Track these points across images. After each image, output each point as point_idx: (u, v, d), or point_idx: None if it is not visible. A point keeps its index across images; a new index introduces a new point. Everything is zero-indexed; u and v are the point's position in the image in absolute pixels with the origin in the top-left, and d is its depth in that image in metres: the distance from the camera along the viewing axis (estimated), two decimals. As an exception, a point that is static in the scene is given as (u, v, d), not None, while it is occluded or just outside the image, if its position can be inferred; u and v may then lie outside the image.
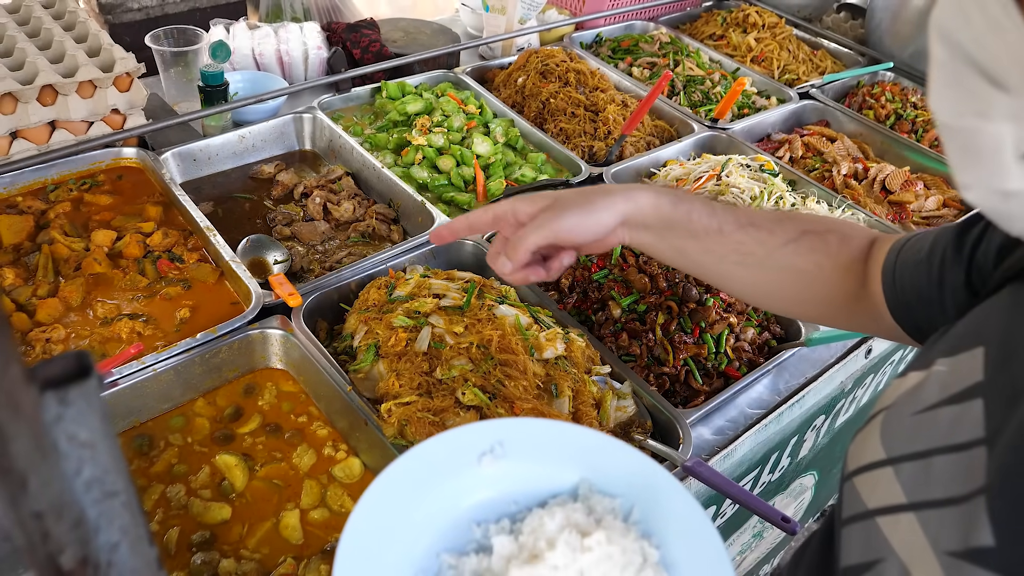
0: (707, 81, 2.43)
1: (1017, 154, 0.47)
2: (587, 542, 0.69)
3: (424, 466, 0.75)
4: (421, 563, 0.71)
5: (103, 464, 0.43)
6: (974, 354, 0.66)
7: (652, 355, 1.46)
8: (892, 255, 0.92)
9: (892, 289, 0.90)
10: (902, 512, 0.64)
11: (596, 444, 0.80)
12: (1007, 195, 0.49)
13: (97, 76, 1.65)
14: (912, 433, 0.66)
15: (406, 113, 2.03)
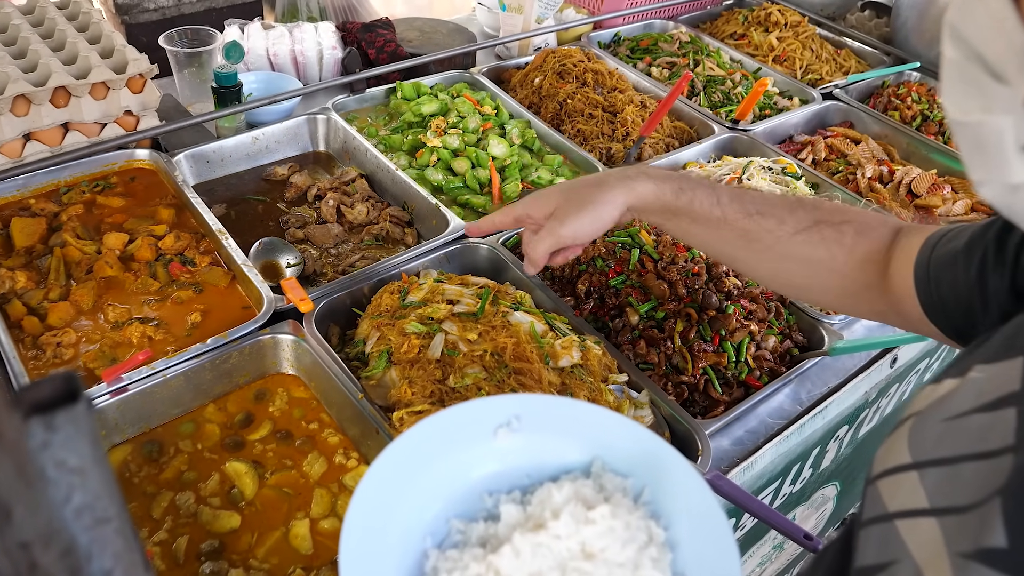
0: (728, 81, 2.39)
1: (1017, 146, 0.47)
2: (591, 515, 0.70)
3: (440, 435, 0.77)
4: (431, 526, 0.73)
5: (94, 490, 0.41)
6: (1014, 364, 0.64)
7: (670, 363, 1.43)
8: (926, 251, 0.88)
9: (926, 288, 0.87)
10: (923, 517, 0.63)
11: (612, 424, 0.81)
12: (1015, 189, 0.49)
13: (110, 77, 1.63)
14: (940, 439, 0.66)
15: (421, 114, 2.01)
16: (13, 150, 1.62)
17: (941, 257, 0.86)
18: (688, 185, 1.01)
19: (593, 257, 1.56)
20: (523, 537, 0.69)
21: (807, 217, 0.98)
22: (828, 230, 0.97)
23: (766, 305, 1.54)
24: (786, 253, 0.98)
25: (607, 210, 1.00)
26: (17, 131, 1.60)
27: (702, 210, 1.00)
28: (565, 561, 0.68)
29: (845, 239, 0.96)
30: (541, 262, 1.09)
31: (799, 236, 0.97)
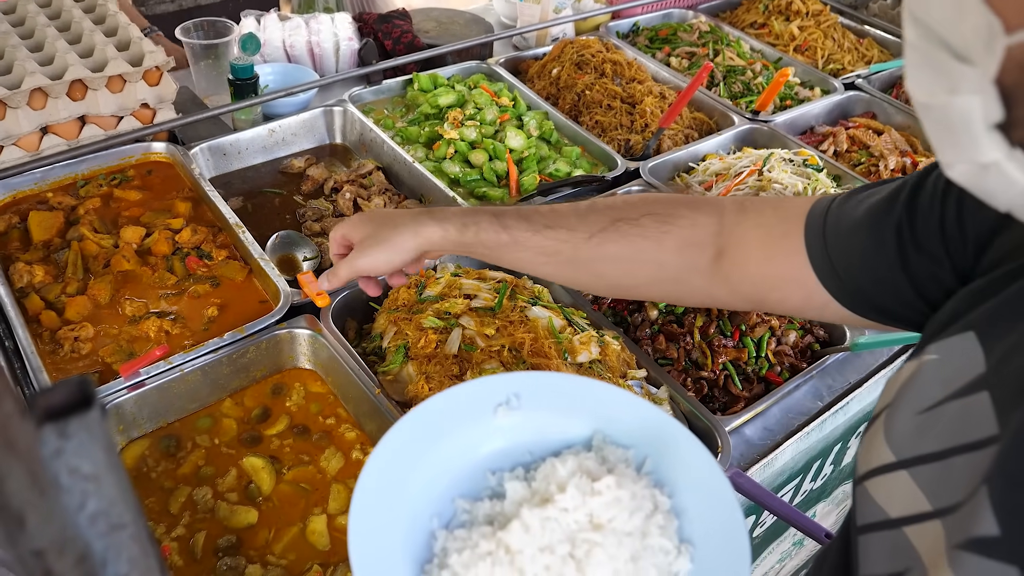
0: (748, 71, 2.36)
1: (986, 125, 0.48)
2: (597, 486, 0.71)
3: (441, 416, 0.78)
4: (436, 507, 0.73)
5: (109, 496, 0.41)
6: (966, 339, 0.64)
7: (690, 359, 1.41)
8: (815, 235, 0.85)
9: (833, 277, 0.84)
10: (929, 520, 0.62)
11: (611, 397, 0.82)
12: (985, 168, 0.50)
13: (127, 70, 1.63)
14: (919, 433, 0.65)
15: (438, 106, 2.00)
16: (30, 143, 1.62)
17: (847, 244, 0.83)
18: (472, 219, 1.01)
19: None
20: (531, 512, 0.69)
21: (601, 219, 0.98)
22: (626, 226, 0.96)
23: (787, 299, 1.52)
24: (591, 257, 0.98)
25: (398, 253, 1.03)
26: (34, 124, 1.60)
27: (490, 238, 1.00)
28: (574, 533, 0.68)
29: (648, 231, 0.96)
30: (338, 283, 1.13)
31: (595, 239, 0.97)
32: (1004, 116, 0.48)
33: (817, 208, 0.87)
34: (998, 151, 0.48)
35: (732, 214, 0.95)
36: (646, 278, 0.99)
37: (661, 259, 0.96)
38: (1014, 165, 0.48)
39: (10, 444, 0.35)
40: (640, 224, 0.96)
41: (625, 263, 0.98)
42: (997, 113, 0.48)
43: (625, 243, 0.96)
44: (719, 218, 0.95)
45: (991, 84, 0.47)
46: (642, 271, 0.98)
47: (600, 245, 0.97)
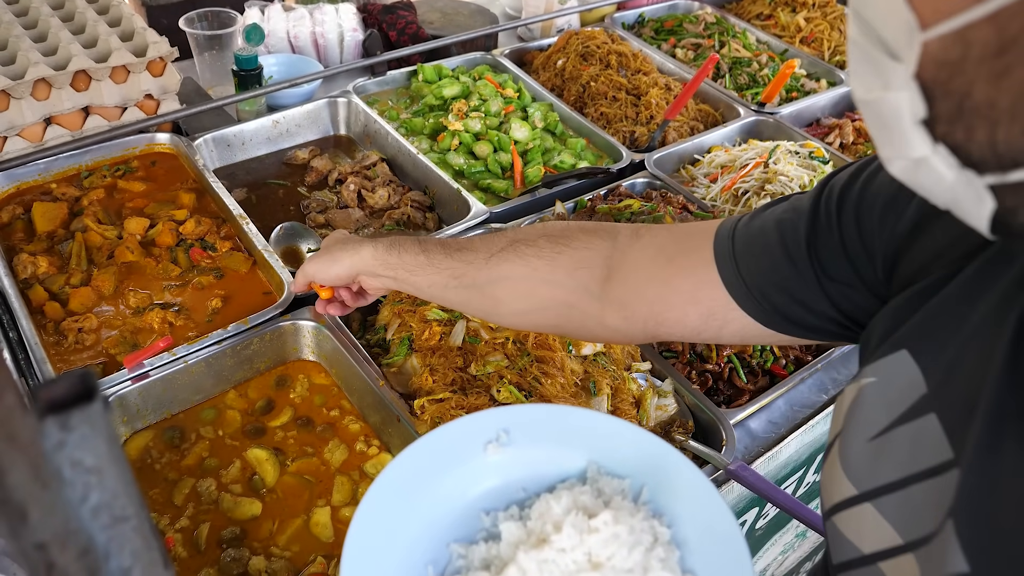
0: (754, 63, 2.35)
1: (913, 120, 0.48)
2: (593, 523, 0.69)
3: (429, 458, 0.76)
4: (431, 555, 0.71)
5: (112, 489, 0.41)
6: (899, 358, 0.64)
7: (695, 352, 1.41)
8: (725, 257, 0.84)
9: (749, 298, 0.83)
10: (901, 555, 0.61)
11: (603, 426, 0.80)
12: (917, 164, 0.50)
13: (130, 61, 1.63)
14: (875, 462, 0.64)
15: (442, 97, 1.99)
16: (34, 134, 1.62)
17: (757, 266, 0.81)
18: (398, 242, 1.07)
19: (616, 243, 1.54)
20: (527, 555, 0.67)
21: (502, 240, 1.00)
22: (523, 247, 0.98)
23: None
24: (490, 277, 0.99)
25: (336, 267, 1.10)
26: (38, 115, 1.60)
27: (411, 259, 1.04)
28: (572, 574, 0.66)
29: (543, 251, 0.96)
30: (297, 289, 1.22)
31: (494, 258, 0.99)
32: (927, 112, 0.48)
33: (723, 230, 0.86)
34: (925, 147, 0.49)
35: (626, 238, 0.94)
36: (540, 301, 0.98)
37: (554, 279, 0.96)
38: (939, 160, 0.48)
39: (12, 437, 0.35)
40: (536, 244, 0.97)
41: (520, 283, 0.98)
42: (921, 109, 0.48)
43: (521, 262, 0.97)
44: (612, 241, 0.95)
45: (912, 80, 0.47)
46: (536, 292, 0.98)
47: (497, 265, 0.99)
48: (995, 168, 0.46)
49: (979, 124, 0.46)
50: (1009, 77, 0.43)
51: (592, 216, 1.63)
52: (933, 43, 0.46)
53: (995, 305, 0.59)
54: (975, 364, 0.58)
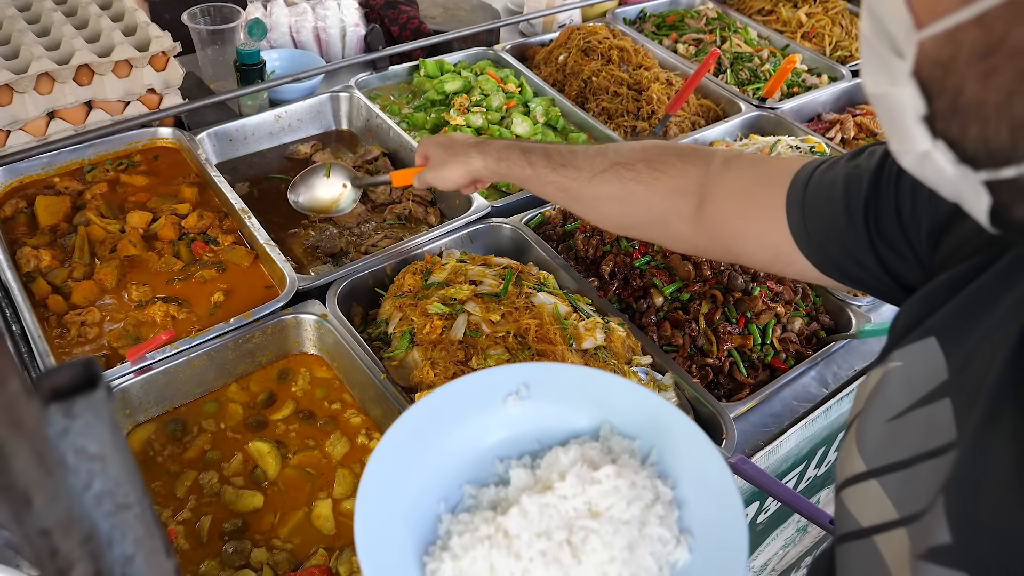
0: (755, 58, 2.35)
1: (916, 116, 0.50)
2: (596, 475, 0.72)
3: (452, 404, 0.80)
4: (444, 491, 0.75)
5: (114, 476, 0.41)
6: (927, 345, 0.66)
7: (695, 346, 1.41)
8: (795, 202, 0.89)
9: (808, 242, 0.89)
10: (895, 528, 0.63)
11: (620, 389, 0.83)
12: (923, 158, 0.52)
13: (133, 55, 1.63)
14: (889, 442, 0.66)
15: (444, 92, 1.99)
16: (37, 128, 1.62)
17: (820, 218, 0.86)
18: (506, 154, 1.19)
19: (618, 238, 1.54)
20: (531, 499, 0.70)
21: (603, 162, 1.09)
22: (622, 170, 1.07)
23: (793, 287, 1.52)
24: (592, 195, 1.11)
25: (452, 177, 1.25)
26: (41, 109, 1.60)
27: (518, 172, 1.17)
28: (571, 520, 0.69)
29: (641, 175, 1.05)
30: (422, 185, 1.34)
31: (596, 179, 1.09)
32: (927, 109, 0.49)
33: (801, 174, 0.90)
34: (927, 142, 0.50)
35: (717, 167, 1.01)
36: (639, 219, 1.09)
37: (650, 202, 1.05)
38: (939, 155, 0.50)
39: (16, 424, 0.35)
40: (635, 169, 1.06)
41: (620, 203, 1.08)
42: (921, 106, 0.50)
43: (620, 185, 1.07)
44: (705, 169, 1.02)
45: (911, 77, 0.49)
46: (635, 212, 1.08)
47: (599, 186, 1.09)
48: (988, 164, 0.48)
49: (971, 122, 0.47)
50: (996, 77, 0.45)
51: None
52: (928, 42, 0.48)
53: (1019, 296, 0.60)
54: (990, 352, 0.60)
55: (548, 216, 1.65)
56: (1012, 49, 0.44)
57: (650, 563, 0.69)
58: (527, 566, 0.67)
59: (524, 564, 0.67)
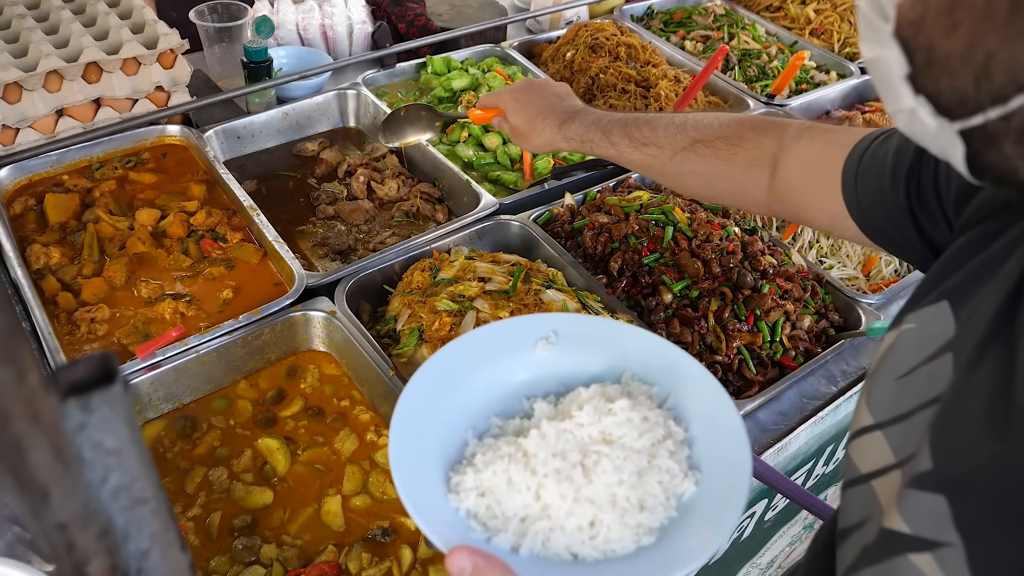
0: (763, 55, 2.34)
1: (901, 75, 0.54)
2: (612, 407, 0.78)
3: (487, 343, 0.87)
4: (473, 420, 0.82)
5: (131, 471, 0.41)
6: (940, 308, 0.70)
7: (704, 343, 1.41)
8: (850, 172, 0.95)
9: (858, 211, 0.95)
10: (891, 471, 0.68)
11: (641, 339, 0.89)
12: (911, 115, 0.56)
13: (141, 53, 1.63)
14: (896, 398, 0.70)
15: (451, 89, 1.99)
16: (46, 126, 1.62)
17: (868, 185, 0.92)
18: (588, 136, 1.24)
19: (626, 235, 1.54)
20: (549, 424, 0.77)
21: (684, 138, 1.15)
22: (702, 147, 1.13)
23: (802, 284, 1.51)
24: (675, 171, 1.18)
25: (538, 141, 1.32)
26: (50, 107, 1.60)
27: (601, 151, 1.24)
28: (586, 445, 0.75)
29: (720, 152, 1.12)
30: None
31: (678, 156, 1.15)
32: (909, 67, 0.54)
33: (860, 145, 0.95)
34: (910, 99, 0.55)
35: (791, 138, 1.07)
36: (719, 190, 1.18)
37: (730, 175, 1.12)
38: (922, 111, 0.54)
39: (34, 418, 0.35)
40: (714, 146, 1.13)
41: (702, 177, 1.16)
42: (904, 64, 0.54)
43: (701, 162, 1.14)
44: (779, 140, 1.08)
45: (893, 39, 0.54)
46: (716, 184, 1.16)
47: (681, 163, 1.16)
48: (961, 114, 0.52)
49: (943, 74, 0.52)
50: (958, 31, 0.50)
51: (600, 209, 1.63)
52: (904, 4, 0.53)
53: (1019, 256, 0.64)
54: (989, 306, 0.64)
55: (556, 213, 1.65)
56: (970, 4, 0.49)
57: (658, 491, 0.74)
58: (542, 480, 0.72)
59: (539, 479, 0.73)
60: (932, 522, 0.59)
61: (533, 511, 0.72)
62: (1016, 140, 0.50)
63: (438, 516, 0.72)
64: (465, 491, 0.74)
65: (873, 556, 0.66)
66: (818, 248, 1.73)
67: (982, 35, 0.48)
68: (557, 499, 0.72)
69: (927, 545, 0.59)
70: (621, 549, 0.71)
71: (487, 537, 0.72)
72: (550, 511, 0.72)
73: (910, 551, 0.60)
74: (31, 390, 0.34)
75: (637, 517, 0.72)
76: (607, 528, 0.71)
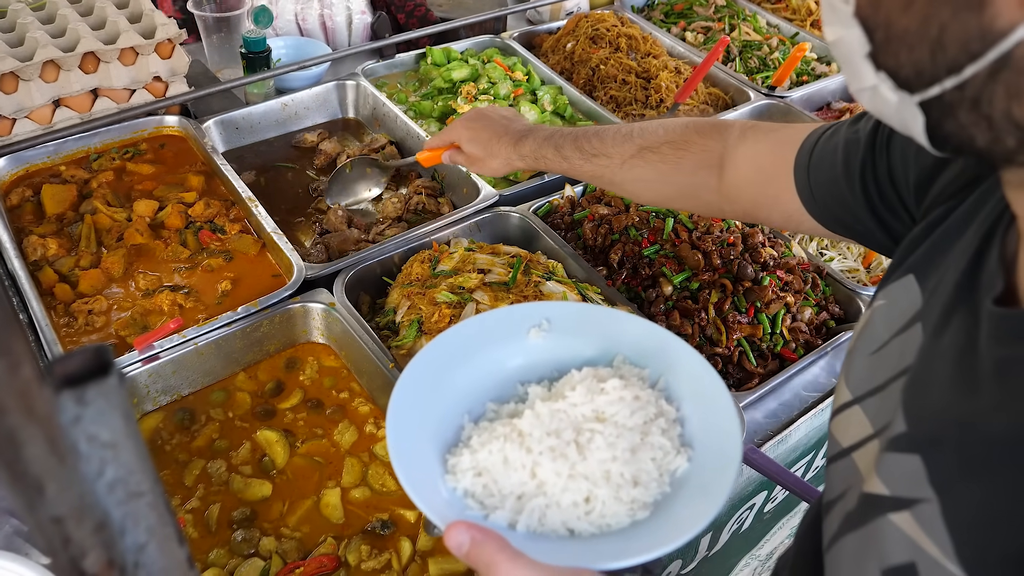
0: (764, 46, 2.33)
1: (862, 54, 0.56)
2: (604, 386, 0.79)
3: (481, 332, 0.89)
4: (469, 405, 0.84)
5: (127, 464, 0.41)
6: (906, 282, 0.73)
7: (704, 335, 1.40)
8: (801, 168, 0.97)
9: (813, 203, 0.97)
10: (869, 442, 0.70)
11: (631, 324, 0.90)
12: (874, 93, 0.57)
13: (139, 43, 1.62)
14: (871, 373, 0.73)
15: (451, 80, 1.98)
16: (43, 116, 1.62)
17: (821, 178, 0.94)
18: (540, 152, 1.27)
19: (626, 227, 1.53)
20: (543, 404, 0.78)
21: (631, 147, 1.17)
22: (649, 154, 1.16)
23: (803, 276, 1.51)
24: (625, 179, 1.20)
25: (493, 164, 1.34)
26: (47, 97, 1.59)
27: (552, 164, 1.26)
28: (579, 423, 0.77)
29: (667, 157, 1.14)
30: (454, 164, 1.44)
31: (627, 164, 1.18)
32: (870, 45, 0.56)
33: (808, 140, 0.97)
34: (872, 76, 0.56)
35: (734, 139, 1.09)
36: (669, 195, 1.20)
37: (678, 180, 1.15)
38: (884, 87, 0.56)
39: (29, 411, 0.35)
40: (660, 151, 1.15)
41: (651, 183, 1.18)
42: (866, 43, 0.56)
43: (649, 168, 1.16)
44: (723, 142, 1.10)
45: (853, 18, 0.56)
46: (665, 190, 1.18)
47: (631, 170, 1.18)
48: (919, 86, 0.54)
49: (901, 49, 0.54)
50: (914, 6, 0.52)
51: (601, 200, 1.62)
52: None
53: (978, 225, 0.67)
54: (953, 273, 0.67)
55: (556, 205, 1.65)
56: None
57: (651, 467, 0.75)
58: (536, 458, 0.74)
59: (534, 457, 0.74)
60: (907, 481, 0.62)
61: (529, 488, 0.74)
62: (971, 108, 0.52)
63: (436, 496, 0.73)
64: (462, 471, 0.76)
65: (855, 521, 0.68)
66: (819, 240, 1.73)
67: (936, 9, 0.50)
68: (552, 476, 0.73)
69: (904, 503, 0.62)
70: (616, 524, 0.73)
71: (484, 515, 0.73)
72: (546, 488, 0.73)
73: (889, 511, 0.63)
74: (25, 382, 0.34)
75: (631, 492, 0.74)
76: (602, 503, 0.73)
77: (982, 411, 0.58)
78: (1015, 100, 0.50)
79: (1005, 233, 0.64)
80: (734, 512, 1.40)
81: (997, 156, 0.55)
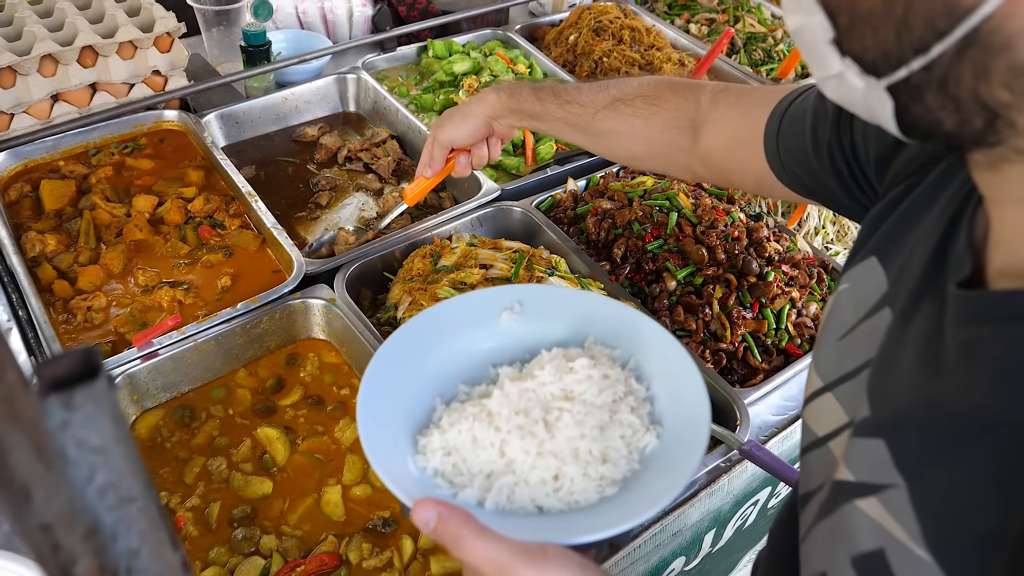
0: (769, 38, 2.31)
1: (826, 40, 0.55)
2: (572, 365, 0.80)
3: (453, 315, 0.88)
4: (441, 388, 0.84)
5: (118, 469, 0.40)
6: (869, 264, 0.73)
7: (708, 330, 1.39)
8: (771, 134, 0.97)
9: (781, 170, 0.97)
10: (844, 431, 0.70)
11: (602, 305, 0.91)
12: (839, 80, 0.57)
13: (137, 36, 1.61)
14: (840, 358, 0.73)
15: (453, 73, 1.96)
16: (41, 111, 1.60)
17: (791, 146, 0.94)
18: (517, 90, 1.24)
19: (630, 221, 1.52)
20: (512, 384, 0.79)
21: (606, 97, 1.16)
22: (622, 105, 1.14)
23: (808, 271, 1.49)
24: (597, 130, 1.18)
25: (472, 120, 1.27)
26: (45, 92, 1.58)
27: (529, 107, 1.23)
28: (548, 401, 0.77)
29: (640, 111, 1.13)
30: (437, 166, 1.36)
31: (599, 114, 1.16)
32: (835, 31, 0.54)
33: (780, 106, 0.97)
34: (837, 62, 0.56)
35: (707, 101, 1.08)
36: (642, 152, 1.19)
37: (650, 136, 1.14)
38: (850, 73, 0.55)
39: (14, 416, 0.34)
40: (633, 104, 1.14)
41: (623, 138, 1.16)
42: (830, 29, 0.55)
43: (621, 120, 1.15)
44: (696, 104, 1.09)
45: (816, 4, 0.55)
46: (637, 146, 1.17)
47: (604, 121, 1.16)
48: (886, 70, 0.53)
49: (866, 32, 0.53)
50: None
51: (604, 195, 1.61)
52: None
53: (943, 206, 0.67)
54: (919, 257, 0.66)
55: (559, 199, 1.63)
56: None
57: (620, 444, 0.75)
58: (505, 437, 0.74)
59: (503, 435, 0.74)
60: (873, 466, 0.62)
61: (498, 466, 0.74)
62: (938, 90, 0.51)
63: (405, 475, 0.74)
64: (432, 451, 0.76)
65: (825, 509, 0.68)
66: (824, 234, 1.71)
67: None
68: (521, 454, 0.74)
69: (871, 489, 0.62)
70: (585, 500, 0.73)
71: (453, 493, 0.74)
72: (514, 466, 0.74)
73: (856, 497, 0.63)
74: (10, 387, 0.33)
75: (600, 469, 0.74)
76: (570, 480, 0.73)
77: (946, 394, 0.58)
78: (982, 80, 0.49)
79: (973, 215, 0.63)
80: (738, 508, 1.39)
81: (966, 138, 0.54)
